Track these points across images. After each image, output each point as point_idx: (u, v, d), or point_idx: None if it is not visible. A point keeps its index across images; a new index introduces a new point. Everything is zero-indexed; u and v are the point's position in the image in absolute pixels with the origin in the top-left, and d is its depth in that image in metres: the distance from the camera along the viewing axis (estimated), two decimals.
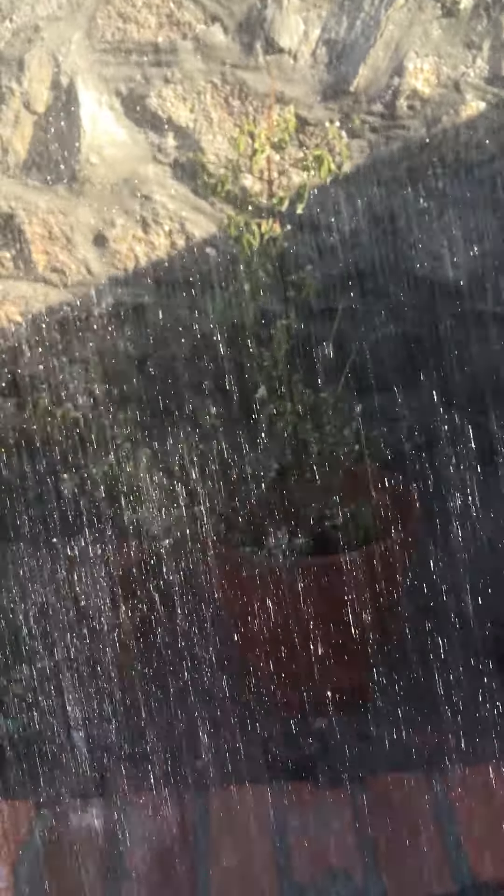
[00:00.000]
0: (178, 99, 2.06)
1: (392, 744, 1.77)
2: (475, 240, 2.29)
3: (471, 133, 2.17)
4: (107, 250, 2.17)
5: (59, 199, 2.12)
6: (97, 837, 1.50)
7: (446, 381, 2.44)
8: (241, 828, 1.50)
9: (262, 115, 2.08)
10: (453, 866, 1.41)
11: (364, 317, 2.34)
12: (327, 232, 2.23)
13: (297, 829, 1.49)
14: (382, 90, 2.09)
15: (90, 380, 1.66)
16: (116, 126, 2.07)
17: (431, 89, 2.11)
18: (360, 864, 1.43)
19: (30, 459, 2.39)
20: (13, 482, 2.43)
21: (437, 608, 2.19)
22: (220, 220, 2.19)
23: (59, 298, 2.21)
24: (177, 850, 1.47)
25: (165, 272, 2.21)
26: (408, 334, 2.37)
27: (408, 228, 2.27)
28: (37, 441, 2.34)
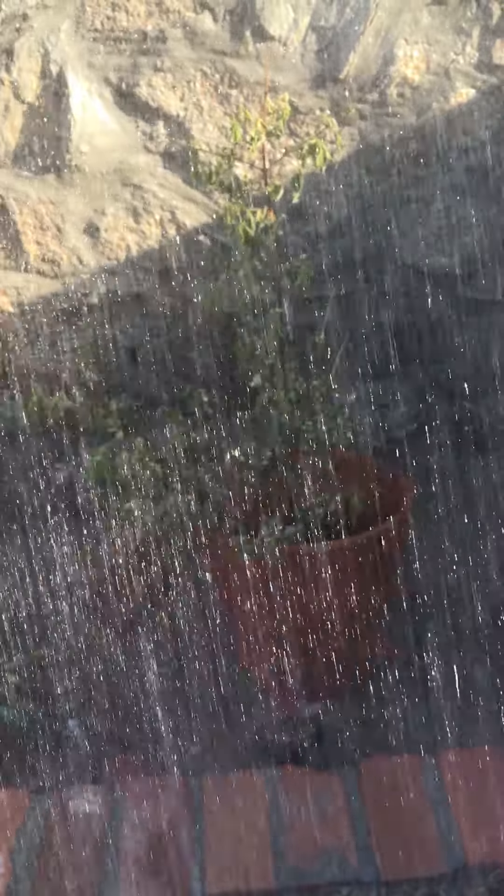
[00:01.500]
0: (168, 87, 2.06)
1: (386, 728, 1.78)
2: (466, 227, 2.29)
3: (461, 120, 2.17)
4: (98, 240, 2.17)
5: (50, 188, 2.11)
6: (93, 823, 1.51)
7: (438, 369, 2.45)
8: (235, 811, 1.51)
9: (253, 104, 2.08)
10: (446, 848, 1.43)
11: (356, 305, 2.34)
12: (319, 220, 2.23)
13: (292, 812, 1.50)
14: (373, 78, 2.09)
15: (82, 370, 1.66)
16: (107, 115, 2.07)
17: (421, 76, 2.11)
18: (354, 847, 1.44)
19: (24, 449, 2.39)
20: (4, 472, 2.43)
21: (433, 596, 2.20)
22: (212, 209, 2.19)
23: (50, 288, 2.20)
24: (172, 835, 1.48)
25: (157, 262, 2.21)
26: (399, 322, 2.37)
27: (399, 216, 2.27)
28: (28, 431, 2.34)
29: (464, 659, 1.99)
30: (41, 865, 1.45)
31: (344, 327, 2.35)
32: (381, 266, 2.32)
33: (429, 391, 2.47)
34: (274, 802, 1.53)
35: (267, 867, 1.43)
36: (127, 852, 1.46)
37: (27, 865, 1.45)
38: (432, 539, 2.39)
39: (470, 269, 2.34)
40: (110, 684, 1.99)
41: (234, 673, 2.00)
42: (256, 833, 1.48)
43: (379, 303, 2.35)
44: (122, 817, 1.52)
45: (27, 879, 1.43)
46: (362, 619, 1.85)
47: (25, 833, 1.50)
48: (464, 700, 1.85)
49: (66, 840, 1.49)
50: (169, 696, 1.96)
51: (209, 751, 1.79)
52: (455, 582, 2.23)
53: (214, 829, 1.49)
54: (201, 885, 1.40)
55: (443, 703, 1.84)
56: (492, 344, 2.43)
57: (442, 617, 2.13)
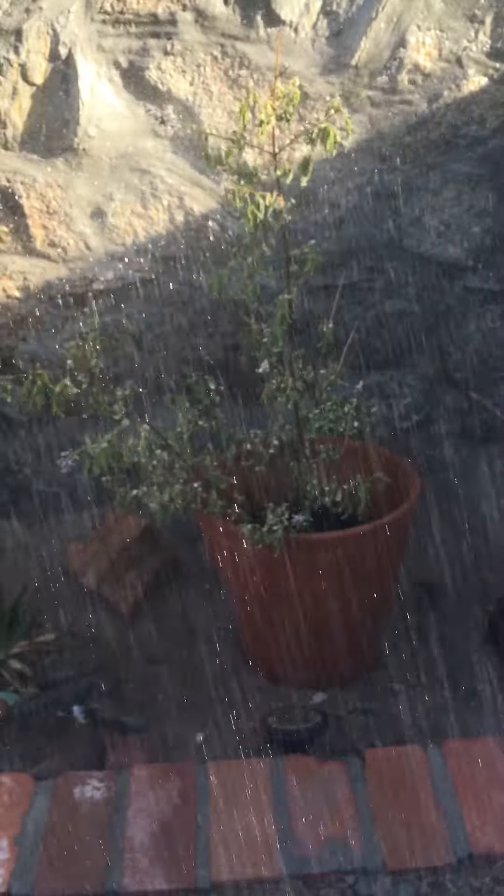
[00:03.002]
0: (177, 71, 2.04)
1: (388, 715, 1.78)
2: (476, 217, 2.28)
3: (473, 108, 2.15)
4: (105, 225, 2.15)
5: (58, 172, 2.09)
6: (98, 808, 1.51)
7: (446, 360, 2.44)
8: (240, 799, 1.51)
9: (263, 89, 2.06)
10: (451, 837, 1.43)
11: (364, 293, 2.33)
12: (328, 207, 2.21)
13: (297, 800, 1.50)
14: (384, 64, 2.07)
15: (87, 356, 1.65)
16: (116, 98, 2.05)
17: (433, 63, 2.09)
18: (359, 836, 1.44)
19: (28, 435, 2.38)
20: (10, 458, 2.42)
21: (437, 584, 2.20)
22: (220, 195, 2.17)
23: (57, 273, 2.19)
24: (177, 822, 1.48)
25: (164, 247, 2.20)
26: (407, 311, 2.36)
27: (408, 204, 2.25)
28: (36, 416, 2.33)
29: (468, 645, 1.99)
30: (46, 851, 1.45)
31: (352, 316, 2.34)
32: (389, 255, 2.30)
33: (436, 381, 2.46)
34: (279, 791, 1.53)
35: (272, 855, 1.43)
36: (132, 838, 1.46)
37: (32, 851, 1.45)
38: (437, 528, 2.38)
39: (479, 259, 2.33)
40: (113, 671, 1.99)
41: (240, 660, 2.00)
42: (262, 821, 1.48)
43: (387, 292, 2.34)
44: (127, 803, 1.52)
45: (32, 865, 1.43)
46: (369, 608, 1.84)
47: (31, 819, 1.50)
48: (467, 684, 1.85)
49: (71, 826, 1.49)
50: (174, 685, 1.95)
51: (214, 738, 1.79)
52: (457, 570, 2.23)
53: (220, 817, 1.49)
54: (206, 872, 1.40)
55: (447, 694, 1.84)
56: (500, 334, 2.42)
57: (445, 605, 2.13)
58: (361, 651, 1.90)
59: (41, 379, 1.62)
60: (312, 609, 1.77)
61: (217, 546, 1.84)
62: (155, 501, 1.72)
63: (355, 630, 1.85)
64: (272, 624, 1.82)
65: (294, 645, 1.83)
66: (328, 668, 1.87)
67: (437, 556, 2.28)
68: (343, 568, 1.72)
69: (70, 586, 2.21)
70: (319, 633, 1.81)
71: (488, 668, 1.90)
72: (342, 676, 1.89)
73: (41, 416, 2.34)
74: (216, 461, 1.89)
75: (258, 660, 1.96)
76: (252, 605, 1.85)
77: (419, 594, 2.16)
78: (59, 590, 2.21)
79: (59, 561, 2.29)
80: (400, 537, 1.80)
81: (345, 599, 1.78)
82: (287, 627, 1.81)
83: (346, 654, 1.86)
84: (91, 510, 2.44)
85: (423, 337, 2.41)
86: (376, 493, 1.79)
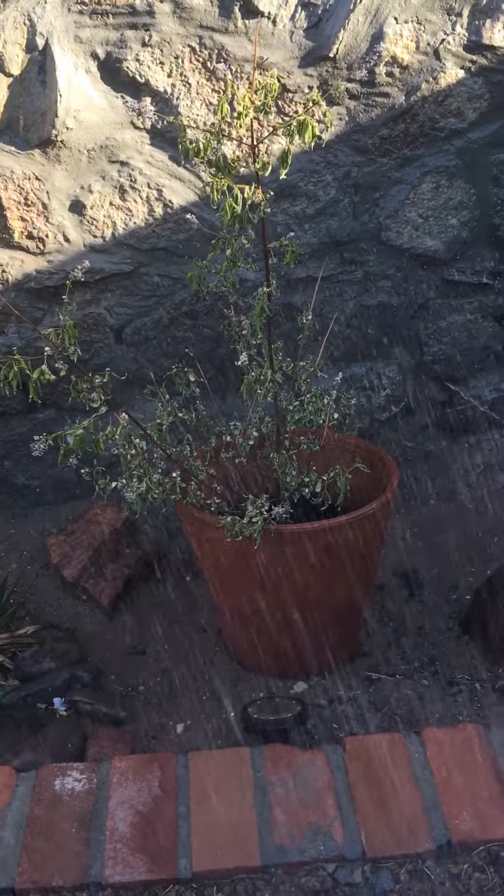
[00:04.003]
0: (155, 63, 2.03)
1: (368, 704, 1.80)
2: (453, 209, 2.29)
3: (450, 101, 2.16)
4: (84, 217, 2.14)
5: (35, 164, 2.08)
6: (79, 800, 1.51)
7: (423, 351, 2.45)
8: (221, 789, 1.52)
9: (242, 81, 2.06)
10: (431, 824, 1.44)
11: (343, 286, 2.34)
12: (307, 200, 2.22)
13: (277, 788, 1.51)
14: (362, 56, 2.08)
15: (66, 347, 1.64)
16: (93, 90, 2.04)
17: (411, 56, 2.10)
18: (339, 824, 1.45)
19: (6, 428, 2.37)
20: None
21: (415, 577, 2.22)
22: (199, 187, 2.17)
23: (35, 265, 2.18)
24: (158, 812, 1.49)
25: (143, 239, 2.19)
26: (386, 304, 2.37)
27: (387, 197, 2.26)
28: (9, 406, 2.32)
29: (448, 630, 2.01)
30: (27, 843, 1.45)
31: (331, 308, 2.35)
32: (368, 247, 2.31)
33: (414, 373, 2.48)
34: (259, 780, 1.53)
35: (253, 845, 1.43)
36: (113, 829, 1.46)
37: (13, 843, 1.45)
38: (415, 519, 2.40)
39: (456, 252, 2.34)
40: (94, 663, 1.99)
41: (220, 651, 2.01)
42: (242, 811, 1.48)
43: (366, 284, 2.35)
44: (108, 794, 1.52)
45: (13, 857, 1.43)
46: (349, 598, 1.85)
47: (11, 810, 1.50)
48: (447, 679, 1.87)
49: (52, 817, 1.49)
50: (155, 676, 1.96)
51: (195, 728, 1.79)
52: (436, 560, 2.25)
53: (200, 807, 1.49)
54: (188, 862, 1.41)
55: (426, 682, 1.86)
56: (477, 327, 2.44)
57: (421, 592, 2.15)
58: (341, 640, 1.91)
59: (18, 364, 1.61)
60: (292, 599, 1.78)
61: (197, 537, 1.84)
62: (132, 492, 1.72)
63: (335, 620, 1.86)
64: (252, 614, 1.83)
65: (274, 635, 1.84)
66: (308, 658, 1.88)
67: (417, 546, 2.30)
68: (323, 558, 1.73)
69: (50, 579, 2.21)
70: (299, 624, 1.82)
71: (467, 657, 1.92)
72: (322, 666, 1.90)
73: (21, 409, 2.33)
74: (196, 452, 1.89)
75: (238, 650, 1.96)
76: (232, 596, 1.86)
77: (399, 584, 2.18)
78: (40, 583, 2.21)
79: (39, 554, 2.29)
80: (379, 528, 1.81)
81: (325, 590, 1.79)
82: (267, 618, 1.82)
83: (326, 644, 1.87)
84: (71, 503, 2.43)
85: (402, 329, 2.43)
86: (355, 484, 1.80)
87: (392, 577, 2.19)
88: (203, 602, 2.14)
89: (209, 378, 2.31)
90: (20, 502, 2.43)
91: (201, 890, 1.39)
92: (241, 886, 1.39)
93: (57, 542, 2.25)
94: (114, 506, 2.28)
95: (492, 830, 1.43)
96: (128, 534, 2.26)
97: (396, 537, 2.32)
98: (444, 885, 1.37)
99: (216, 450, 1.91)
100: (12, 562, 2.28)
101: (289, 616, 1.81)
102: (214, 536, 1.74)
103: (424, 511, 2.41)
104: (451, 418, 2.53)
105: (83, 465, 1.80)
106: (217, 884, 1.40)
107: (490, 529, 2.32)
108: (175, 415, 1.82)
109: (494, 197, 2.30)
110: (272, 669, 1.91)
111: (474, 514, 2.38)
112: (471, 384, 2.51)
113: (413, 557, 2.25)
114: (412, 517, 2.40)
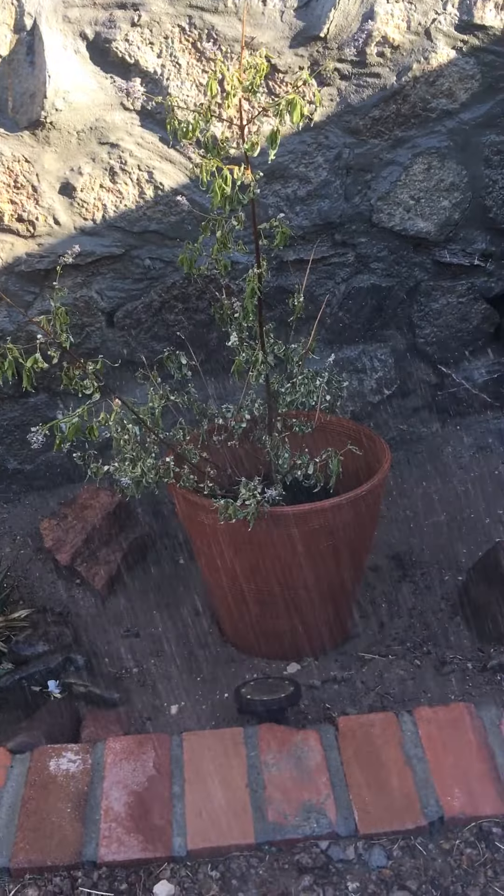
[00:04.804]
0: (145, 43, 2.02)
1: (361, 684, 1.81)
2: (445, 191, 2.28)
3: (441, 81, 2.16)
4: (74, 199, 2.13)
5: (25, 146, 2.07)
6: (74, 780, 1.52)
7: (415, 333, 2.46)
8: (215, 769, 1.53)
9: (232, 62, 2.04)
10: (423, 801, 1.46)
11: (335, 268, 2.33)
12: (298, 181, 2.21)
13: (271, 768, 1.52)
14: (353, 36, 2.07)
15: (58, 332, 1.64)
16: (83, 71, 2.02)
17: (402, 36, 2.09)
18: (332, 802, 1.47)
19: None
20: None
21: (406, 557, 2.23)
22: (190, 169, 2.16)
23: (26, 249, 2.17)
24: (153, 792, 1.50)
25: (134, 222, 2.18)
26: (377, 286, 2.37)
27: (378, 179, 2.25)
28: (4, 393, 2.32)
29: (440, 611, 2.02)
30: (23, 823, 1.46)
31: (323, 291, 2.35)
32: (359, 229, 2.30)
33: (406, 355, 2.48)
34: (253, 759, 1.54)
35: (247, 823, 1.45)
36: (108, 809, 1.47)
37: (8, 823, 1.46)
38: (408, 500, 2.41)
39: (448, 233, 2.34)
40: (88, 646, 2.00)
41: (214, 633, 2.02)
42: (236, 789, 1.50)
43: (357, 266, 2.35)
44: (103, 775, 1.53)
45: (9, 837, 1.44)
46: (341, 579, 1.86)
47: (7, 792, 1.51)
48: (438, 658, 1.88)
49: (47, 798, 1.50)
50: (149, 658, 1.97)
51: (189, 709, 1.80)
52: (428, 542, 2.26)
53: (194, 786, 1.51)
54: (183, 840, 1.42)
55: (418, 662, 1.87)
56: (468, 308, 2.44)
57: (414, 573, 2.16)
58: (334, 621, 1.92)
59: (12, 353, 1.61)
60: (285, 581, 1.79)
61: (190, 520, 1.85)
62: (126, 476, 1.72)
63: (328, 601, 1.87)
64: (245, 597, 1.84)
65: (267, 616, 1.85)
66: (301, 639, 1.89)
67: (409, 528, 2.31)
68: (315, 540, 1.73)
69: (44, 563, 2.21)
70: (292, 605, 1.83)
71: (459, 637, 1.93)
72: (315, 647, 1.91)
73: (12, 393, 2.33)
74: (188, 436, 1.89)
75: (232, 632, 1.97)
76: (225, 579, 1.86)
77: (391, 565, 2.19)
78: (33, 567, 2.21)
79: (32, 538, 2.29)
80: (371, 509, 1.82)
81: (317, 571, 1.80)
82: (260, 600, 1.83)
83: (319, 625, 1.88)
84: (64, 488, 2.44)
85: (394, 311, 2.43)
86: (348, 467, 1.81)
87: (384, 559, 2.20)
88: (197, 585, 2.15)
89: (201, 361, 2.31)
90: (13, 487, 2.43)
91: (196, 868, 1.40)
92: (235, 864, 1.40)
93: (50, 527, 2.25)
94: (107, 490, 2.28)
95: (482, 807, 1.44)
96: (121, 517, 2.26)
97: (389, 519, 2.33)
98: (436, 860, 1.39)
99: (209, 433, 1.92)
100: (5, 546, 2.28)
101: (282, 598, 1.81)
102: (207, 519, 1.75)
103: (417, 493, 2.42)
104: (443, 401, 2.53)
105: (75, 449, 1.81)
106: (211, 862, 1.41)
107: (482, 511, 2.33)
108: (167, 398, 1.82)
109: (486, 178, 2.29)
110: (266, 651, 1.92)
111: (466, 496, 2.39)
112: (462, 366, 2.52)
113: (406, 539, 2.26)
114: (404, 499, 2.40)
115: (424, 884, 1.36)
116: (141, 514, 2.32)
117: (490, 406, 2.54)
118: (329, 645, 1.93)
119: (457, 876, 1.37)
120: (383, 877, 1.38)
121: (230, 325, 1.80)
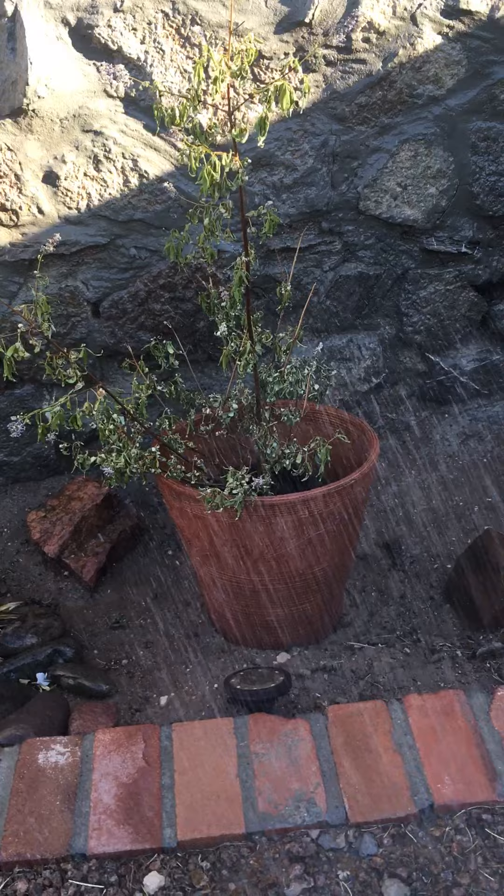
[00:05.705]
0: (128, 29, 1.99)
1: (351, 673, 1.80)
2: (432, 178, 2.27)
3: (428, 67, 2.14)
4: (58, 188, 2.11)
5: (7, 134, 2.04)
6: (63, 773, 1.51)
7: (403, 321, 2.45)
8: (205, 759, 1.52)
9: (217, 48, 2.02)
10: (413, 789, 1.46)
11: (322, 256, 2.32)
12: (285, 169, 2.19)
13: (261, 757, 1.52)
14: (339, 22, 2.05)
15: (41, 321, 1.62)
16: (65, 57, 2.00)
17: (388, 21, 2.07)
18: (322, 791, 1.46)
19: None
20: None
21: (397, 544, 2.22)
22: (175, 156, 2.14)
23: (9, 238, 2.15)
24: (143, 783, 1.49)
25: (119, 211, 2.16)
26: (365, 274, 2.36)
27: (365, 166, 2.24)
28: None
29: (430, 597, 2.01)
30: (11, 816, 1.45)
31: (310, 279, 2.33)
32: (347, 217, 2.29)
33: (394, 344, 2.47)
34: (243, 749, 1.54)
35: (237, 813, 1.44)
36: (97, 801, 1.47)
37: None
38: (397, 489, 2.40)
39: (435, 221, 2.33)
40: (77, 638, 1.98)
41: (203, 624, 2.01)
42: (226, 780, 1.49)
43: (345, 254, 2.33)
44: (92, 767, 1.52)
45: None
46: (330, 568, 1.86)
47: None
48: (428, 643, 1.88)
49: (36, 791, 1.49)
50: (138, 649, 1.96)
51: (178, 700, 1.80)
52: (417, 531, 2.26)
53: (185, 777, 1.50)
54: (173, 832, 1.42)
55: (408, 651, 1.87)
56: (456, 296, 2.43)
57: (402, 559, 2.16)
58: (324, 611, 1.92)
59: None
60: (274, 571, 1.78)
61: (178, 511, 1.84)
62: (111, 466, 1.71)
63: (317, 590, 1.87)
64: (235, 587, 1.83)
65: (256, 606, 1.85)
66: (291, 629, 1.89)
67: (398, 517, 2.31)
68: (304, 529, 1.73)
69: (31, 555, 2.20)
70: (281, 594, 1.82)
71: (448, 625, 1.93)
72: (305, 636, 1.91)
73: None
74: (175, 426, 1.88)
75: (221, 622, 1.97)
76: (214, 569, 1.86)
77: (380, 554, 2.18)
78: (20, 559, 2.20)
79: (19, 530, 2.27)
80: (360, 498, 1.81)
81: (306, 561, 1.79)
82: (250, 590, 1.82)
83: (308, 614, 1.87)
84: (51, 479, 2.42)
85: (382, 299, 2.42)
86: (336, 456, 1.80)
87: (374, 548, 2.20)
88: (186, 575, 2.14)
89: (188, 351, 2.29)
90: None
91: (186, 858, 1.39)
92: (225, 854, 1.40)
93: (37, 519, 2.23)
94: (94, 481, 2.27)
95: (472, 794, 1.44)
96: (109, 509, 2.25)
97: (378, 508, 2.32)
98: (427, 848, 1.39)
99: (196, 423, 1.91)
100: None
101: (271, 587, 1.81)
102: (195, 509, 1.74)
103: (405, 481, 2.42)
104: (431, 389, 2.53)
105: (62, 440, 1.79)
106: (202, 852, 1.40)
107: (470, 499, 2.33)
108: (154, 388, 1.81)
109: (473, 165, 2.28)
110: (255, 641, 1.91)
111: (455, 484, 2.39)
112: (450, 354, 2.51)
113: (395, 528, 2.26)
114: (393, 488, 2.40)
115: (415, 871, 1.36)
116: (129, 505, 2.31)
117: (478, 394, 2.54)
118: (319, 634, 1.92)
119: (447, 863, 1.37)
120: (374, 864, 1.38)
121: (217, 314, 1.79)
